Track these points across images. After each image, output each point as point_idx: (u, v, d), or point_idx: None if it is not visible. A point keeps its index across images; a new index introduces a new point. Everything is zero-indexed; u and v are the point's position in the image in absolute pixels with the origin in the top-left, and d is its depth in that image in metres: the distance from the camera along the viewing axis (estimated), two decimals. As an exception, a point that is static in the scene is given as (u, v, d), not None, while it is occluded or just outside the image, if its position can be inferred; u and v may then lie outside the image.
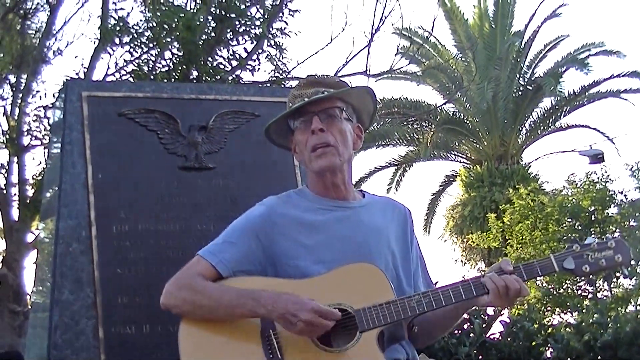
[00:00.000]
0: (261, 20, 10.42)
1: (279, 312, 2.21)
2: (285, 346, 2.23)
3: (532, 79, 22.06)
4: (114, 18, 11.17)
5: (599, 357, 9.61)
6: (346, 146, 2.44)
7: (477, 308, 3.30)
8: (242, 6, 10.18)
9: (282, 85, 10.12)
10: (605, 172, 17.51)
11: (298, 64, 11.34)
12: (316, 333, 2.21)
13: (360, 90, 2.55)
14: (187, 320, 2.30)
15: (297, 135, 2.45)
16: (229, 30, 10.34)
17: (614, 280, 15.93)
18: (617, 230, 16.80)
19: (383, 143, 22.16)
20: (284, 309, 2.20)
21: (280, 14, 10.72)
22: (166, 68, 10.27)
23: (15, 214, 12.50)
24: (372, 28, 11.29)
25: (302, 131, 2.44)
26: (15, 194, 12.64)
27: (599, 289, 16.40)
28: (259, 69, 10.67)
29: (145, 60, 10.57)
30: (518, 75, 21.97)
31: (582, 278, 3.17)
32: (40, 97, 12.56)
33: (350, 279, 2.30)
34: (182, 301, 2.31)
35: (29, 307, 9.11)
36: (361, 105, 2.54)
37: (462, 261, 22.07)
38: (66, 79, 8.62)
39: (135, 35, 10.44)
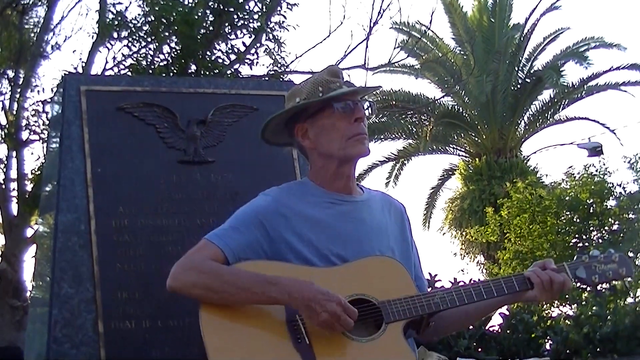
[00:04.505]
0: (259, 14, 10.41)
1: (304, 300, 2.18)
2: (312, 332, 2.21)
3: (531, 72, 22.03)
4: (112, 12, 11.18)
5: (598, 350, 9.66)
6: None
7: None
8: (241, 0, 10.17)
9: (281, 79, 10.11)
10: (604, 164, 17.50)
11: (296, 58, 11.37)
12: (335, 328, 2.18)
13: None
14: (206, 308, 2.25)
15: (336, 120, 2.44)
16: (227, 24, 10.33)
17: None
18: (616, 222, 16.79)
19: (382, 137, 22.12)
20: (310, 298, 2.17)
21: (279, 8, 10.73)
22: (164, 62, 10.27)
23: (14, 209, 12.52)
24: (371, 21, 11.34)
25: (342, 116, 2.43)
26: (14, 189, 12.67)
27: (598, 282, 16.34)
28: (257, 62, 10.70)
29: (144, 55, 10.57)
30: (517, 69, 21.94)
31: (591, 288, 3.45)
32: (38, 91, 12.60)
33: (372, 271, 2.33)
34: (190, 284, 2.28)
35: (29, 302, 9.10)
36: None
37: (461, 254, 22.08)
38: (64, 74, 8.63)
39: (133, 29, 10.42)
